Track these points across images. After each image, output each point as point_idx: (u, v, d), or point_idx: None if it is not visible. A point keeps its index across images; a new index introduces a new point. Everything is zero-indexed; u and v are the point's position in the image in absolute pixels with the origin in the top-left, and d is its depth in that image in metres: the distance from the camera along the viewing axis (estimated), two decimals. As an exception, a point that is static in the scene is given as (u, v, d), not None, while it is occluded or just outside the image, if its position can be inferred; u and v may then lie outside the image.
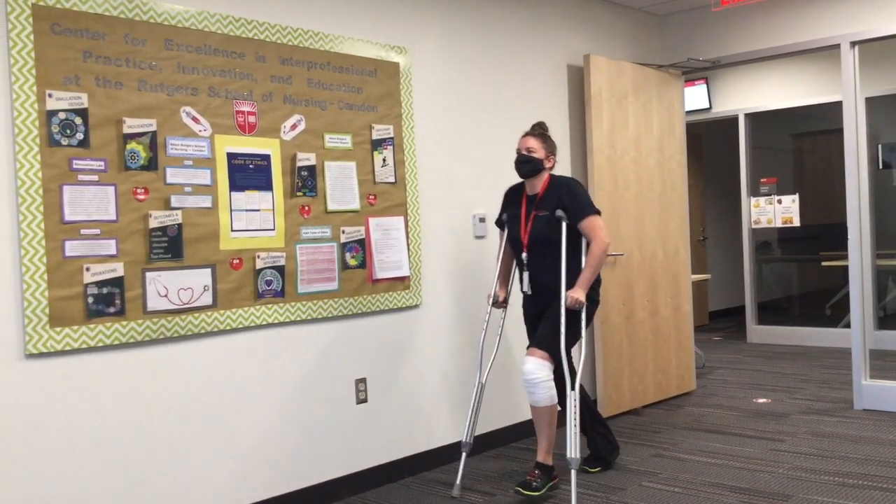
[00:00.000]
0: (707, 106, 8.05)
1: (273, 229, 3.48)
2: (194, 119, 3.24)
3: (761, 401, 5.36)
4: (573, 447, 3.46)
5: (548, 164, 3.75)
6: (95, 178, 2.95)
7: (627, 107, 5.19)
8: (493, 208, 4.53)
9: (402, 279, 3.99)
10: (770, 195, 7.69)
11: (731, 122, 8.03)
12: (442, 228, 4.25)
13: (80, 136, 2.91)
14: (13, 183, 2.77)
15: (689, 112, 7.60)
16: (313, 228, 3.63)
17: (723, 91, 8.01)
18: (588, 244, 3.69)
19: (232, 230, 3.34)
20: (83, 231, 2.91)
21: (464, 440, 3.78)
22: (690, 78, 7.35)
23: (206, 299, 3.26)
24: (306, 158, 3.61)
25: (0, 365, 2.73)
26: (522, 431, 4.62)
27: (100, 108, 2.97)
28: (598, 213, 3.67)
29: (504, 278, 3.96)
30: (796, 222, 7.49)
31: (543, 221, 3.68)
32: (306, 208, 3.61)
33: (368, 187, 3.85)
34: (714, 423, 4.82)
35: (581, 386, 3.71)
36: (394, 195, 3.97)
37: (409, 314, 4.06)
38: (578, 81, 5.07)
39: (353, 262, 3.78)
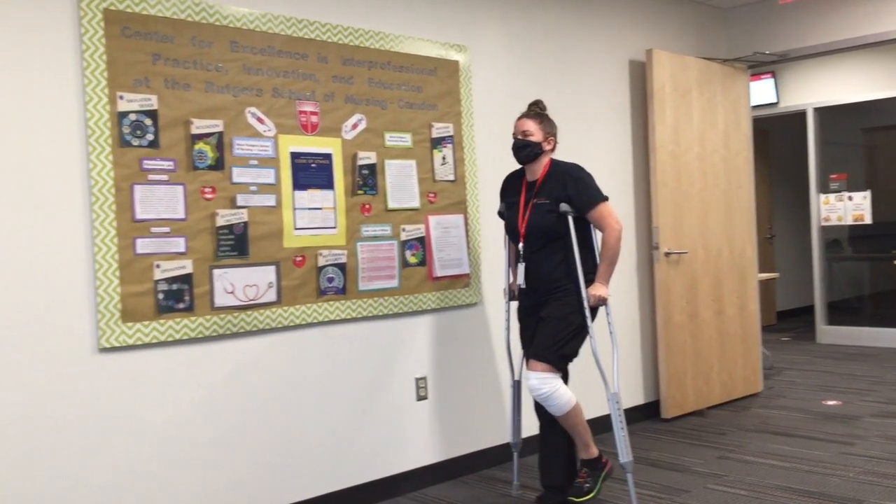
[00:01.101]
0: (774, 100, 7.85)
1: (335, 227, 3.53)
2: (259, 119, 3.31)
3: (831, 403, 5.20)
4: (624, 450, 3.34)
5: (547, 147, 3.43)
6: (165, 177, 3.04)
7: (691, 102, 5.10)
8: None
9: (461, 277, 4.00)
10: (840, 192, 7.47)
11: (800, 116, 7.81)
12: (501, 226, 4.22)
13: (150, 136, 3.00)
14: (87, 182, 2.86)
15: (755, 107, 7.44)
16: (374, 226, 3.66)
17: (790, 85, 7.80)
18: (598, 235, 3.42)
19: (295, 228, 3.40)
20: (153, 229, 3.00)
21: (512, 441, 3.68)
22: (757, 72, 7.18)
23: (271, 296, 3.32)
24: (367, 157, 3.64)
25: (75, 358, 2.83)
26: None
27: (169, 109, 3.05)
28: (606, 199, 3.39)
29: (515, 270, 3.67)
30: (868, 220, 7.25)
31: (542, 210, 3.37)
32: (367, 206, 3.64)
33: (428, 185, 3.87)
34: (782, 426, 4.70)
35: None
36: (453, 193, 3.98)
37: (469, 312, 4.07)
38: (640, 77, 5.00)
39: (413, 260, 3.80)
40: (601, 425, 4.24)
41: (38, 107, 2.77)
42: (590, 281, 3.40)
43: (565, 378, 3.46)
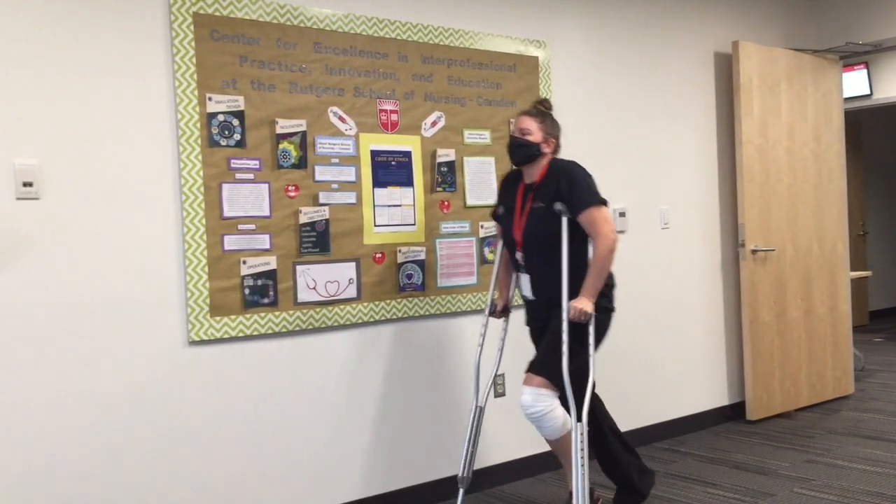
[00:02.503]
0: (867, 92, 7.52)
1: (414, 224, 3.56)
2: (341, 118, 3.37)
3: (929, 408, 4.97)
4: (580, 493, 2.88)
5: (546, 149, 3.12)
6: (251, 176, 3.12)
7: (780, 95, 4.94)
8: (633, 202, 4.45)
9: (540, 274, 3.98)
10: (940, 186, 7.11)
11: (894, 108, 7.46)
12: (581, 223, 4.19)
13: (237, 136, 3.09)
14: (178, 182, 2.97)
15: (847, 99, 7.15)
16: (452, 223, 3.69)
17: (885, 76, 7.46)
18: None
19: (375, 225, 3.44)
20: (240, 226, 3.09)
21: (460, 474, 3.17)
22: (849, 63, 6.89)
23: (351, 292, 3.38)
24: (446, 154, 3.66)
25: (167, 351, 2.95)
26: (668, 429, 4.51)
27: (255, 110, 3.14)
28: (602, 202, 3.02)
29: (505, 282, 3.36)
30: (971, 215, 6.88)
31: (539, 215, 3.06)
32: (446, 203, 3.67)
33: (507, 182, 3.87)
34: (873, 429, 4.51)
35: (602, 412, 3.31)
36: (533, 190, 3.96)
37: (548, 309, 4.04)
38: (726, 70, 4.88)
39: (491, 257, 3.81)
40: (681, 427, 4.14)
41: (133, 109, 2.89)
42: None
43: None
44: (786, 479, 3.75)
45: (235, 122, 3.09)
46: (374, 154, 3.46)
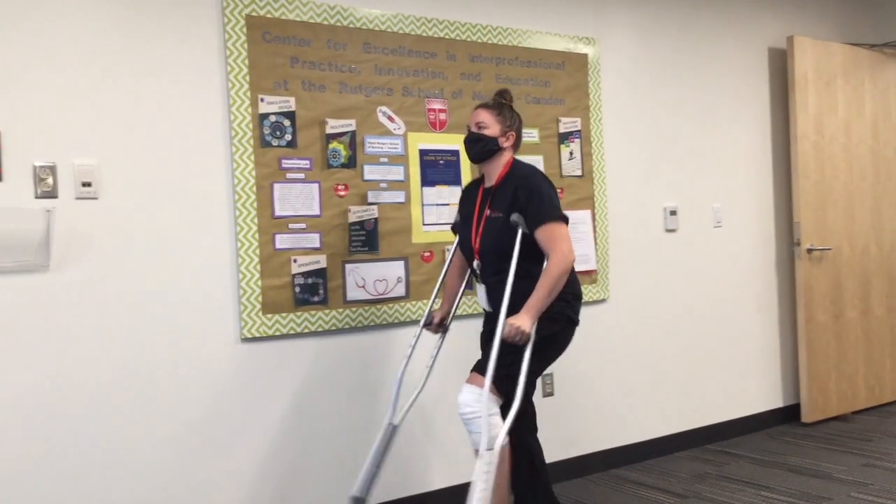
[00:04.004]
0: (930, 86, 7.28)
1: (463, 223, 3.57)
2: (389, 118, 3.39)
3: None
4: None
5: (504, 143, 2.87)
6: (302, 175, 3.17)
7: (836, 91, 4.83)
8: (686, 200, 4.39)
9: (588, 273, 3.95)
10: None
11: (960, 102, 7.22)
12: (630, 221, 4.16)
13: (288, 137, 3.14)
14: (230, 181, 3.03)
15: (908, 93, 6.93)
16: (501, 222, 3.68)
17: (949, 69, 7.21)
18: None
19: (423, 224, 3.46)
20: (291, 225, 3.14)
21: (355, 493, 2.82)
22: (910, 56, 6.69)
23: (400, 290, 3.40)
24: (495, 153, 3.66)
25: (221, 348, 3.01)
26: (721, 431, 4.44)
27: (306, 110, 3.18)
28: (562, 219, 2.75)
29: (449, 295, 3.11)
30: None
31: (498, 226, 2.81)
32: (495, 202, 3.66)
33: (555, 181, 3.84)
34: (936, 435, 4.39)
35: (530, 438, 2.98)
36: (581, 188, 3.94)
37: (596, 308, 4.02)
38: (781, 65, 4.78)
39: (540, 256, 3.79)
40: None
41: (188, 111, 2.95)
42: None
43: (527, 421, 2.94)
44: (842, 484, 3.66)
45: (287, 122, 3.13)
46: (423, 153, 3.47)
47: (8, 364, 2.62)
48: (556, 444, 3.85)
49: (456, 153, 3.55)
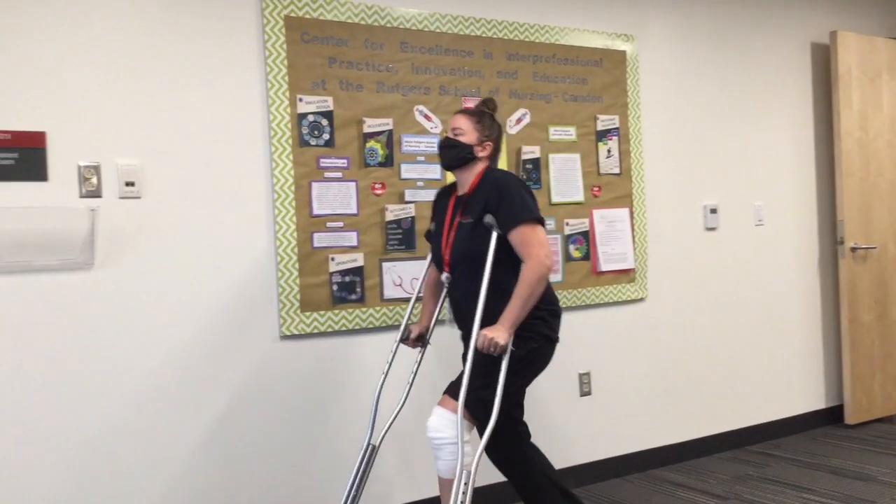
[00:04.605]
0: (980, 80, 7.10)
1: (499, 221, 3.56)
2: (426, 117, 3.40)
3: None
4: None
5: (481, 153, 2.71)
6: (339, 174, 3.19)
7: (881, 86, 4.73)
8: (726, 198, 4.33)
9: (626, 272, 3.93)
10: None
11: None
12: (670, 220, 4.12)
13: (326, 136, 3.16)
14: (269, 181, 3.06)
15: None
16: (538, 220, 3.67)
17: None
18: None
19: (461, 222, 3.46)
20: (329, 224, 3.16)
21: None
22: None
23: (437, 289, 3.40)
24: (531, 151, 3.65)
25: (261, 345, 3.04)
26: (762, 432, 4.38)
27: (343, 109, 3.20)
28: (538, 220, 2.58)
29: (428, 308, 2.96)
30: None
31: (467, 231, 2.65)
32: (532, 201, 3.65)
33: (593, 179, 3.83)
34: None
35: (532, 450, 2.80)
36: (619, 186, 3.91)
37: (635, 307, 3.99)
38: (824, 61, 4.69)
39: (576, 254, 3.78)
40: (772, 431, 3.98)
41: (228, 111, 2.99)
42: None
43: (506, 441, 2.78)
44: (886, 486, 3.59)
45: (324, 121, 3.16)
46: (460, 152, 3.47)
47: (56, 358, 2.68)
48: (593, 444, 3.83)
49: (493, 151, 3.55)
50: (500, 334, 2.47)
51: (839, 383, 4.73)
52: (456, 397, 2.51)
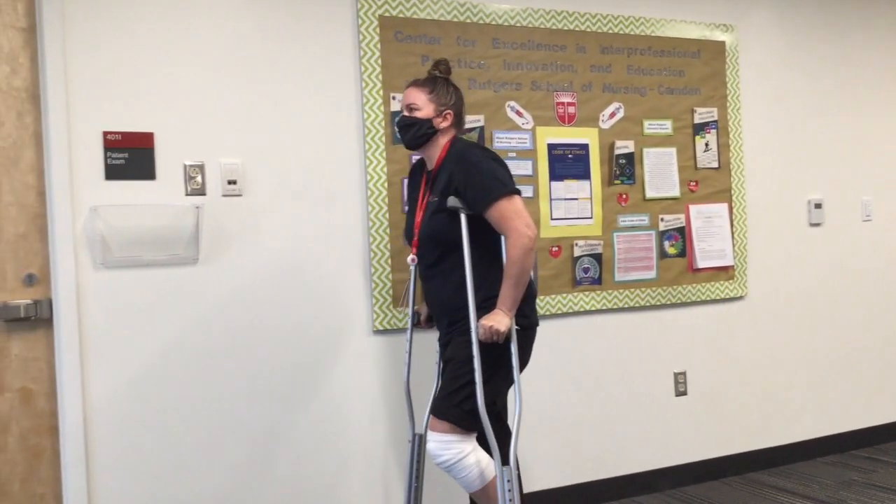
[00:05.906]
0: None
1: (591, 217, 3.52)
2: (518, 113, 3.39)
3: None
4: None
5: (441, 124, 2.52)
6: (431, 171, 3.22)
7: None
8: (832, 193, 4.16)
9: (725, 269, 3.82)
10: None
11: None
12: (771, 215, 3.98)
13: (418, 133, 3.19)
14: (363, 178, 3.12)
15: None
16: (631, 216, 3.61)
17: None
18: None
19: (551, 218, 3.44)
20: (420, 220, 3.20)
21: None
22: None
23: (528, 285, 3.39)
24: (624, 146, 3.59)
25: (354, 339, 3.11)
26: (867, 436, 4.19)
27: (435, 107, 3.22)
28: (513, 192, 2.40)
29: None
30: None
31: (432, 211, 2.50)
32: (624, 196, 3.60)
33: (689, 173, 3.74)
34: None
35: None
36: (717, 181, 3.80)
37: (733, 306, 3.87)
38: (940, 46, 4.43)
39: (672, 251, 3.70)
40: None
41: (324, 110, 3.06)
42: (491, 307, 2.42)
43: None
44: None
45: (416, 119, 3.19)
46: (551, 147, 3.45)
47: (260, 353, 2.82)
48: (689, 445, 3.75)
49: (585, 147, 3.51)
50: (500, 319, 2.36)
51: (956, 388, 4.47)
52: (439, 416, 2.42)
